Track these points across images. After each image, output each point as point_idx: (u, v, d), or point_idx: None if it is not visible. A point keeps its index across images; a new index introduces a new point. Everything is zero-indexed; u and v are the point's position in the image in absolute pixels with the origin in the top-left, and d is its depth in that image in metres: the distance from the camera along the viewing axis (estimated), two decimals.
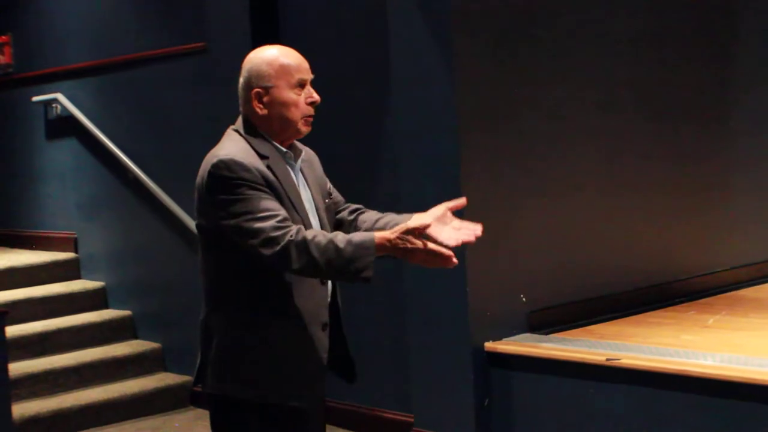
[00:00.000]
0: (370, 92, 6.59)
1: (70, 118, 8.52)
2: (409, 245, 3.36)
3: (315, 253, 3.31)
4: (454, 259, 3.41)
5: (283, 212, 3.41)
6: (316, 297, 3.57)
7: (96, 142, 8.29)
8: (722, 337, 5.90)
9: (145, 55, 7.96)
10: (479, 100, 6.00)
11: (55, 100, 8.63)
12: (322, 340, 3.61)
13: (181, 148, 7.69)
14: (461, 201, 3.62)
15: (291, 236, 3.33)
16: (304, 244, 3.31)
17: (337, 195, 3.90)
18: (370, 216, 3.83)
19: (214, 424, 3.65)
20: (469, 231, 3.57)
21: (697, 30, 7.34)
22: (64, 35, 8.79)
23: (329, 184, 3.86)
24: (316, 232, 3.38)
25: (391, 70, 6.23)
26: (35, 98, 8.83)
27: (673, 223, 7.08)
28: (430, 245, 3.39)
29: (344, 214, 3.88)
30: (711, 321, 6.35)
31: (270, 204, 3.41)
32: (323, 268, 3.34)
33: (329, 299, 3.68)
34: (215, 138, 3.68)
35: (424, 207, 5.70)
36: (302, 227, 3.39)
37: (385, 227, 3.68)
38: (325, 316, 3.62)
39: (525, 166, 6.22)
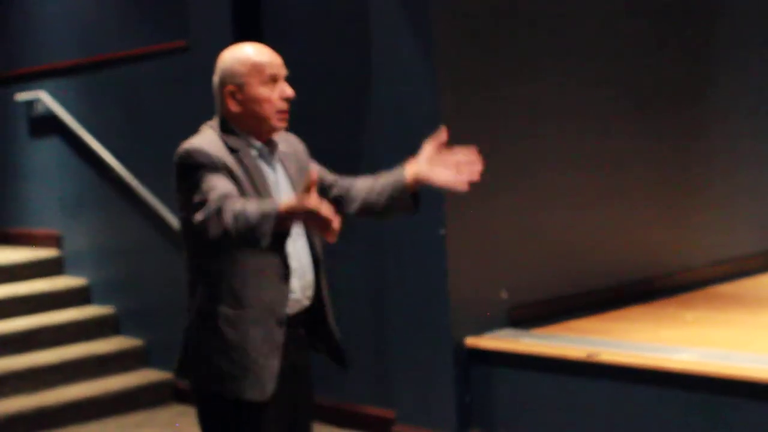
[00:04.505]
0: (352, 89, 6.61)
1: (53, 117, 8.52)
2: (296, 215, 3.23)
3: (226, 220, 3.26)
4: (335, 227, 3.20)
5: (228, 188, 3.39)
6: (274, 293, 3.57)
7: (79, 140, 8.29)
8: (701, 333, 5.95)
9: (128, 54, 7.97)
10: (460, 97, 6.04)
11: (38, 99, 8.63)
12: (277, 336, 3.59)
13: (163, 145, 7.63)
14: (442, 134, 3.64)
15: (214, 205, 3.30)
16: (219, 212, 3.28)
17: (329, 176, 3.88)
18: (363, 184, 3.84)
19: (198, 414, 3.71)
20: (469, 168, 3.65)
21: (675, 28, 7.38)
22: (46, 34, 8.79)
23: (317, 169, 3.81)
24: (237, 200, 3.33)
25: (373, 67, 6.26)
26: (18, 97, 8.83)
27: (652, 219, 7.13)
28: (321, 209, 3.18)
29: (336, 191, 3.85)
30: (690, 317, 6.40)
31: (217, 181, 3.40)
32: (233, 235, 3.28)
33: (304, 294, 3.68)
34: None
35: None
36: (227, 196, 3.34)
37: (382, 191, 3.74)
38: (282, 313, 3.59)
39: (505, 163, 6.25)
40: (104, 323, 8.20)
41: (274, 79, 3.61)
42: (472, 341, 5.95)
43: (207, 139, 3.56)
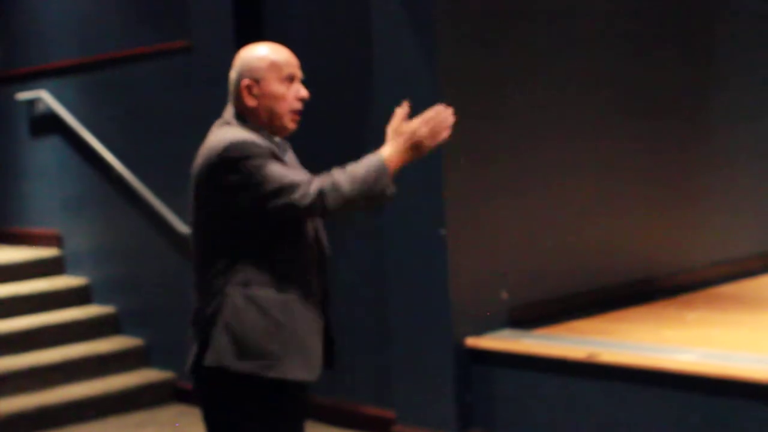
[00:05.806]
0: (354, 90, 6.62)
1: (54, 116, 8.53)
2: (412, 137, 3.72)
3: (344, 189, 3.49)
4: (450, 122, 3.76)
5: (298, 173, 3.56)
6: (312, 276, 3.70)
7: (80, 140, 8.29)
8: (701, 333, 5.96)
9: (129, 54, 7.98)
10: (461, 98, 6.04)
11: (39, 98, 8.64)
12: (319, 317, 3.73)
13: (164, 146, 7.71)
14: (404, 107, 3.89)
15: (319, 183, 3.50)
16: (331, 186, 3.49)
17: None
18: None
19: (214, 400, 3.68)
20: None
21: (676, 30, 7.39)
22: (48, 33, 8.79)
23: None
24: (333, 175, 3.54)
25: (374, 68, 6.26)
26: (19, 96, 8.83)
27: (652, 220, 7.14)
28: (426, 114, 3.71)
29: None
30: (691, 317, 6.40)
31: (281, 168, 3.54)
32: (356, 200, 3.52)
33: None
34: (199, 136, 3.71)
35: (406, 204, 5.75)
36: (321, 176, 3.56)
37: None
38: (319, 295, 3.75)
39: (507, 163, 6.27)
40: (105, 323, 8.20)
41: (290, 79, 3.71)
42: (472, 341, 5.96)
43: (241, 132, 3.61)
